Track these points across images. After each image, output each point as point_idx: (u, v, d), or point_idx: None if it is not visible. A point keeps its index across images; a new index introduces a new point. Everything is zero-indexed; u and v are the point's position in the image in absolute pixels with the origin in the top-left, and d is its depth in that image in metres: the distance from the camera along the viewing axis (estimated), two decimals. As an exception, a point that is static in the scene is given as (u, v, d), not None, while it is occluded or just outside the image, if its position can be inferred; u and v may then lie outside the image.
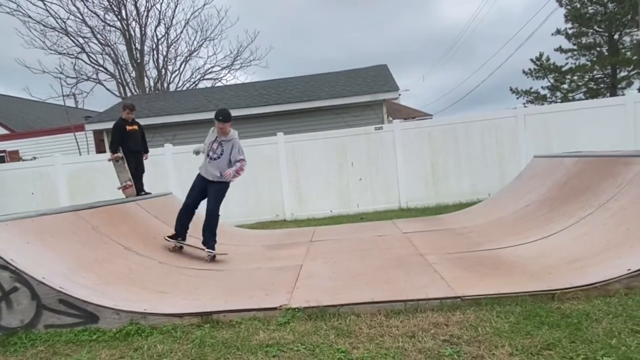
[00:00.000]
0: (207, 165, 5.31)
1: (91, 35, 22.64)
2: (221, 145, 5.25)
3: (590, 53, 30.87)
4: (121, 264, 4.27)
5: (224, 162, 5.25)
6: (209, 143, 5.31)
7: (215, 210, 5.34)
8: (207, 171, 5.31)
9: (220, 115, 5.16)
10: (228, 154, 5.25)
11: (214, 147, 5.26)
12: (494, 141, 9.70)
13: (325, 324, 3.09)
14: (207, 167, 5.30)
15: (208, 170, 5.30)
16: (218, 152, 5.25)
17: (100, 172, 9.75)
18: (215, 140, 5.27)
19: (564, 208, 4.95)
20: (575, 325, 2.68)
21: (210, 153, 5.27)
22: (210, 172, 5.29)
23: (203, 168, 5.39)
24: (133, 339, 3.17)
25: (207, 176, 5.32)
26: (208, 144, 5.32)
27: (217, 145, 5.25)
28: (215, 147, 5.26)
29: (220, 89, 16.72)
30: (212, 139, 5.30)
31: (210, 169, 5.28)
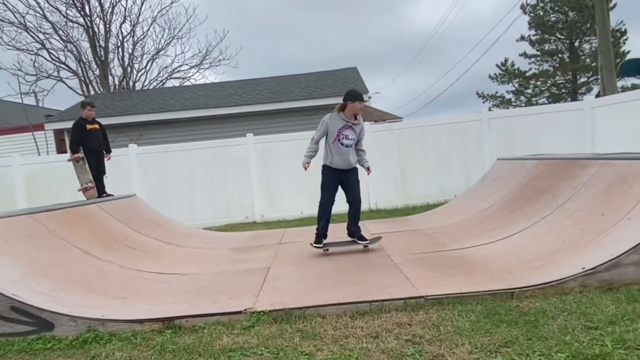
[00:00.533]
0: (341, 154, 4.91)
1: (52, 32, 21.80)
2: (353, 129, 4.91)
3: (552, 59, 32.15)
4: (80, 269, 4.11)
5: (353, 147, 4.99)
6: (337, 130, 4.86)
7: (360, 199, 5.13)
8: (344, 160, 4.93)
9: (360, 95, 4.86)
10: (356, 138, 4.97)
11: (346, 133, 4.87)
12: (460, 144, 9.93)
13: (291, 327, 3.06)
14: (342, 156, 4.92)
15: (344, 159, 4.93)
16: (351, 137, 4.91)
17: (60, 173, 9.37)
18: (345, 126, 4.88)
19: (524, 209, 5.11)
20: (532, 322, 2.76)
21: (343, 140, 4.88)
22: (347, 160, 4.94)
23: (335, 159, 4.94)
24: (90, 347, 3.05)
25: (343, 167, 4.95)
26: (335, 132, 4.86)
27: (349, 131, 4.90)
28: (347, 133, 4.88)
29: (189, 89, 16.42)
30: (341, 125, 4.87)
31: (347, 156, 4.93)
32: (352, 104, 4.84)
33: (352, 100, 4.83)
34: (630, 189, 3.85)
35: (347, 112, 4.89)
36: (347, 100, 4.86)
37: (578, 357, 2.29)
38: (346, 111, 4.89)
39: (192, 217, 9.54)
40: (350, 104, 4.84)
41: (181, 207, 9.68)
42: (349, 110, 4.87)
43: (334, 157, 4.96)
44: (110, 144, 7.38)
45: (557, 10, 31.14)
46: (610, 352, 2.30)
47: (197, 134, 12.16)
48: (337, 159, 4.96)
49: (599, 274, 3.23)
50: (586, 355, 2.29)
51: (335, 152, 4.94)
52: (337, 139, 4.89)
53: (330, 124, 4.91)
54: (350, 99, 4.84)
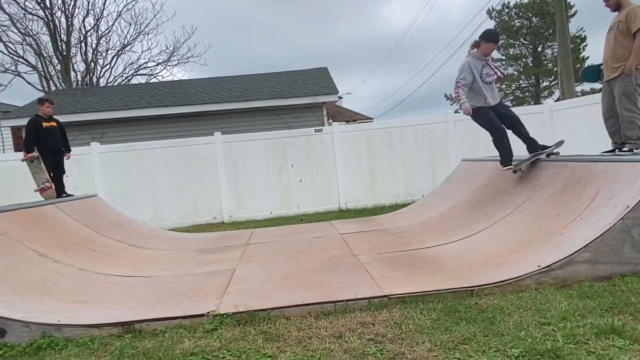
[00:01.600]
0: (491, 91, 5.23)
1: (9, 24, 20.81)
2: (490, 66, 5.24)
3: (517, 63, 33.26)
4: (35, 273, 3.94)
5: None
6: (479, 70, 5.14)
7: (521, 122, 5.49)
8: (494, 96, 5.28)
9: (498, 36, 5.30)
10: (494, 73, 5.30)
11: (487, 72, 5.21)
12: (427, 145, 10.13)
13: (254, 329, 3.04)
14: (492, 92, 5.25)
15: (494, 94, 5.28)
16: (492, 73, 5.25)
17: (17, 172, 8.92)
18: (485, 65, 5.18)
19: (485, 209, 5.27)
20: (490, 319, 2.84)
21: (487, 79, 5.20)
22: (495, 94, 5.31)
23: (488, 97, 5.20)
24: (45, 353, 2.94)
25: (494, 101, 5.28)
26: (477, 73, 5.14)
27: (488, 69, 5.21)
28: (488, 72, 5.21)
29: (155, 86, 16.03)
30: (481, 65, 5.16)
31: (493, 92, 5.28)
32: (487, 44, 5.16)
33: (487, 40, 5.16)
34: (584, 190, 4.03)
35: (481, 50, 5.19)
36: (482, 39, 5.17)
37: (531, 352, 2.37)
38: (480, 49, 5.19)
39: (158, 218, 9.33)
40: (484, 43, 5.15)
41: (146, 208, 9.45)
42: (483, 49, 5.18)
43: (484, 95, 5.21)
44: (71, 142, 7.13)
45: (521, 16, 32.27)
46: (561, 346, 2.39)
47: (164, 132, 11.89)
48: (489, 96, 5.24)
49: (554, 271, 3.36)
50: (539, 350, 2.38)
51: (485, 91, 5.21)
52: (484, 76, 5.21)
53: (469, 69, 5.16)
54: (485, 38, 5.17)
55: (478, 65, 5.16)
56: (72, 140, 7.28)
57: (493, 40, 5.24)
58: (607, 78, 4.84)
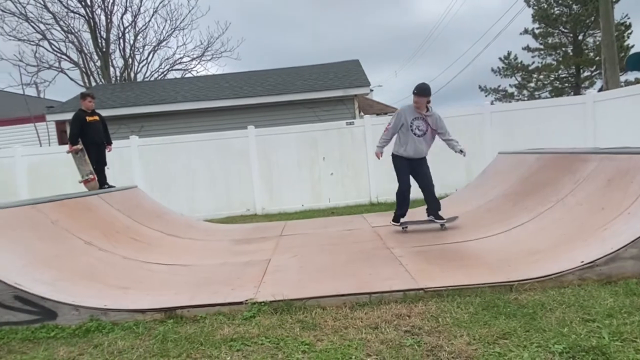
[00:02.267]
0: (415, 144, 5.33)
1: (53, 22, 21.68)
2: (425, 120, 5.29)
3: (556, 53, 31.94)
4: (82, 260, 4.14)
5: (428, 138, 5.38)
6: (408, 120, 5.28)
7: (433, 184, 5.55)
8: (417, 150, 5.36)
9: (415, 89, 5.24)
10: (431, 130, 5.35)
11: (418, 125, 5.28)
12: (461, 138, 9.76)
13: (291, 318, 3.10)
14: (416, 145, 5.33)
15: (418, 148, 5.35)
16: (423, 128, 5.30)
17: (62, 164, 9.37)
18: (417, 118, 5.29)
19: (525, 203, 5.13)
20: (530, 315, 2.78)
21: (416, 131, 5.28)
22: (420, 149, 5.39)
23: (409, 148, 5.35)
24: (93, 336, 3.09)
25: (416, 155, 5.38)
26: (407, 123, 5.28)
27: (421, 122, 5.29)
28: (419, 124, 5.28)
29: (190, 80, 16.38)
30: (412, 117, 5.28)
31: (420, 145, 5.36)
32: (415, 97, 5.25)
33: (414, 94, 5.24)
34: (630, 184, 3.86)
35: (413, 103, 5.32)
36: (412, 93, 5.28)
37: (575, 348, 2.31)
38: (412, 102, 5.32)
39: (193, 209, 9.58)
40: (414, 97, 5.26)
41: (182, 199, 9.71)
42: (414, 102, 5.29)
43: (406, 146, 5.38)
44: (112, 135, 7.40)
45: (561, 4, 30.90)
46: (607, 344, 2.32)
47: (198, 125, 12.16)
48: (410, 148, 5.37)
49: (598, 267, 3.25)
50: (583, 347, 2.31)
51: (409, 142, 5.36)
52: (412, 128, 5.32)
53: (400, 118, 5.35)
54: (413, 92, 5.26)
55: (409, 116, 5.29)
56: (112, 134, 7.57)
57: (415, 93, 5.24)
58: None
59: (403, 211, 5.59)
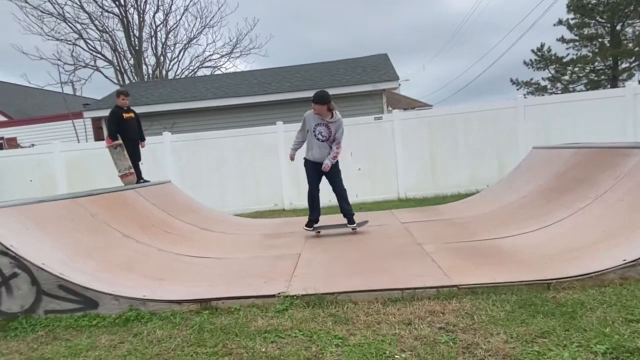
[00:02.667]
0: (319, 149, 5.45)
1: (89, 22, 22.44)
2: (328, 127, 5.39)
3: (592, 44, 30.67)
4: (120, 252, 4.29)
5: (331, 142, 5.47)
6: (312, 125, 5.40)
7: (344, 188, 5.68)
8: (322, 154, 5.46)
9: (313, 97, 5.33)
10: (334, 135, 5.44)
11: (320, 130, 5.39)
12: (493, 132, 9.70)
13: (323, 311, 3.12)
14: (320, 150, 5.45)
15: (322, 153, 5.46)
16: (326, 134, 5.41)
17: (98, 159, 9.73)
18: (320, 124, 5.38)
19: (561, 199, 4.97)
20: (569, 314, 2.71)
21: (319, 136, 5.40)
22: (325, 154, 5.46)
23: (314, 153, 5.50)
24: (132, 325, 3.20)
25: (321, 160, 5.47)
26: (310, 128, 5.40)
27: (323, 128, 5.40)
28: (322, 130, 5.39)
29: (219, 77, 16.63)
30: (315, 122, 5.39)
31: (325, 150, 5.46)
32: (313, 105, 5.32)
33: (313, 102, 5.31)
34: (676, 180, 3.69)
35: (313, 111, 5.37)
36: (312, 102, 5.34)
37: (619, 349, 2.24)
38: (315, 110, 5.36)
39: (223, 203, 9.75)
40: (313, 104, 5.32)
41: (213, 194, 9.90)
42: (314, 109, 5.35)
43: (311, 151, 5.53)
44: (145, 132, 7.60)
45: (598, -8, 29.61)
46: (653, 345, 2.24)
47: (228, 122, 12.35)
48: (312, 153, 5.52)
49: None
50: (627, 347, 2.24)
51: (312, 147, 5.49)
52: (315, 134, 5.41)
53: (305, 123, 5.46)
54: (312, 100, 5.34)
55: (312, 122, 5.39)
56: (145, 130, 7.77)
57: (313, 101, 5.31)
58: None
59: (315, 216, 5.70)
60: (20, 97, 22.82)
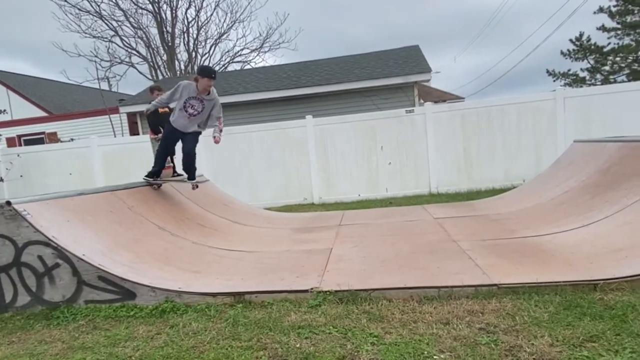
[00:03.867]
0: (186, 121, 5.37)
1: (124, 19, 23.06)
2: (202, 102, 5.30)
3: (635, 32, 29.10)
4: (156, 244, 4.37)
5: (203, 118, 5.43)
6: (186, 99, 5.23)
7: (194, 151, 5.67)
8: (186, 126, 5.41)
9: (213, 72, 5.19)
10: (208, 112, 5.41)
11: (193, 104, 5.27)
12: (530, 125, 9.34)
13: (357, 308, 3.07)
14: (187, 123, 5.38)
15: (187, 125, 5.40)
16: (198, 108, 5.31)
17: (133, 153, 10.00)
18: (195, 98, 5.24)
19: (606, 195, 4.73)
20: (620, 317, 2.57)
21: (189, 109, 5.29)
22: (189, 127, 5.43)
23: (179, 122, 5.40)
24: (169, 316, 3.26)
25: (185, 130, 5.44)
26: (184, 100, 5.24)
27: (197, 102, 5.27)
28: (195, 104, 5.27)
29: (250, 72, 16.73)
30: (191, 95, 5.22)
31: (190, 125, 5.41)
32: (202, 79, 5.08)
33: (207, 76, 5.08)
34: None
35: (199, 85, 5.13)
36: (198, 75, 5.14)
37: (677, 357, 2.10)
38: (198, 84, 5.13)
39: (254, 197, 9.83)
40: (200, 78, 5.09)
41: (243, 188, 9.99)
42: (200, 84, 5.11)
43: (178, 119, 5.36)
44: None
45: (644, -23, 28.02)
46: None
47: (258, 116, 12.42)
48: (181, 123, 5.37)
49: (699, 268, 2.93)
50: (686, 356, 2.09)
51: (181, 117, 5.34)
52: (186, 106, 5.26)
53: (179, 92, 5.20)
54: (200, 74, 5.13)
55: (185, 94, 5.16)
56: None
57: (209, 75, 5.08)
58: None
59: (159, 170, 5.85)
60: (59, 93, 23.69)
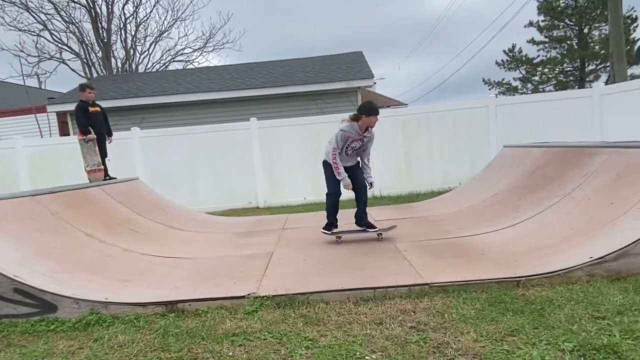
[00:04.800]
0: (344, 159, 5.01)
1: (54, 12, 21.57)
2: (362, 140, 4.92)
3: (560, 46, 31.59)
4: (82, 252, 4.10)
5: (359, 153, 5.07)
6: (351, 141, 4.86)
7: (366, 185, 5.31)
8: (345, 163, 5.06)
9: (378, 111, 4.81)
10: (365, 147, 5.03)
11: (354, 146, 4.92)
12: (465, 131, 9.82)
13: (294, 312, 3.05)
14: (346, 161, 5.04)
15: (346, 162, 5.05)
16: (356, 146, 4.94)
17: (64, 155, 9.36)
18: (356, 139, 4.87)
19: (531, 197, 5.05)
20: (538, 311, 2.73)
21: (349, 152, 4.96)
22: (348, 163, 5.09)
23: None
24: (93, 329, 3.05)
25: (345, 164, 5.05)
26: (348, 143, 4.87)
27: (358, 143, 4.91)
28: (355, 145, 4.92)
29: (192, 72, 16.27)
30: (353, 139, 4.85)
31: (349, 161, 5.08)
32: (367, 118, 4.75)
33: (368, 115, 4.75)
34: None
35: (361, 124, 4.80)
36: (362, 114, 4.77)
37: (586, 346, 2.25)
38: (360, 123, 4.80)
39: (195, 201, 9.53)
40: (365, 117, 4.75)
41: (184, 192, 9.67)
42: (363, 123, 4.79)
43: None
44: (113, 127, 7.33)
45: (566, -4, 30.50)
46: (619, 342, 2.26)
47: (200, 117, 12.08)
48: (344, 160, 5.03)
49: (607, 263, 3.18)
50: (594, 345, 2.26)
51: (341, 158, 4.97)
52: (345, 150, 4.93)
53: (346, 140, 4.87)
54: (366, 112, 4.76)
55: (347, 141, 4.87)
56: (113, 126, 7.49)
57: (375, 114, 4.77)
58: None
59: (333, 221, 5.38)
60: (-21, 90, 21.78)
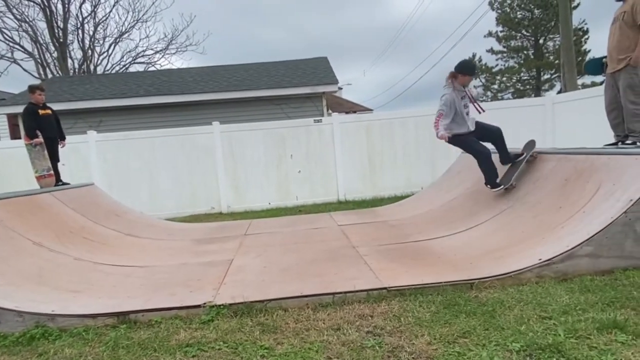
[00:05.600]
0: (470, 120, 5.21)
1: (5, 10, 20.53)
2: (466, 96, 5.18)
3: (518, 56, 33.01)
4: (29, 262, 3.89)
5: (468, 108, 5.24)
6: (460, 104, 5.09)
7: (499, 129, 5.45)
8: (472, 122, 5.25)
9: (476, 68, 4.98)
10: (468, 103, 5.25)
11: (465, 103, 5.17)
12: (427, 137, 10.02)
13: (251, 320, 3.00)
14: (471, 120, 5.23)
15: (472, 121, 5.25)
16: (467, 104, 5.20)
17: (15, 160, 8.88)
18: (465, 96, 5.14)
19: (486, 201, 5.22)
20: (490, 313, 2.80)
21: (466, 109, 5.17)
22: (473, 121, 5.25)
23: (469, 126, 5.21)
24: (38, 343, 2.90)
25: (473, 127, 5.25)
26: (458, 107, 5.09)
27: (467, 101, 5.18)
28: (466, 103, 5.17)
29: (153, 74, 15.86)
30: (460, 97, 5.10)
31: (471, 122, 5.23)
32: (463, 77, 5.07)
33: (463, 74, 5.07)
34: (586, 183, 3.98)
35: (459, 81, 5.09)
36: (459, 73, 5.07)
37: (532, 346, 2.34)
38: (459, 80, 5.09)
39: (155, 207, 9.27)
40: (461, 76, 5.06)
41: (143, 197, 9.38)
42: (460, 81, 5.09)
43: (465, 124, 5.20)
44: (68, 130, 7.06)
45: (523, 8, 31.96)
46: (563, 341, 2.36)
47: (161, 121, 11.79)
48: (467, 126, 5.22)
49: (555, 265, 3.32)
50: (540, 344, 2.34)
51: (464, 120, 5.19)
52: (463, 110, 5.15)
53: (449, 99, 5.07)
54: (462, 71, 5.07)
55: (458, 98, 5.15)
56: (69, 129, 7.22)
57: (469, 73, 5.16)
58: (611, 70, 4.75)
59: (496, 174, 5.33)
60: None
